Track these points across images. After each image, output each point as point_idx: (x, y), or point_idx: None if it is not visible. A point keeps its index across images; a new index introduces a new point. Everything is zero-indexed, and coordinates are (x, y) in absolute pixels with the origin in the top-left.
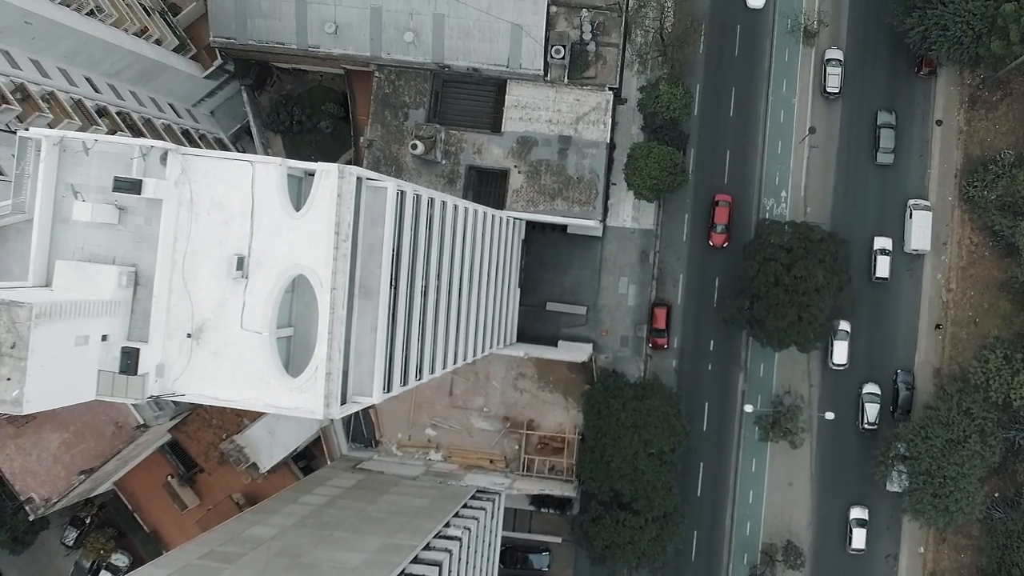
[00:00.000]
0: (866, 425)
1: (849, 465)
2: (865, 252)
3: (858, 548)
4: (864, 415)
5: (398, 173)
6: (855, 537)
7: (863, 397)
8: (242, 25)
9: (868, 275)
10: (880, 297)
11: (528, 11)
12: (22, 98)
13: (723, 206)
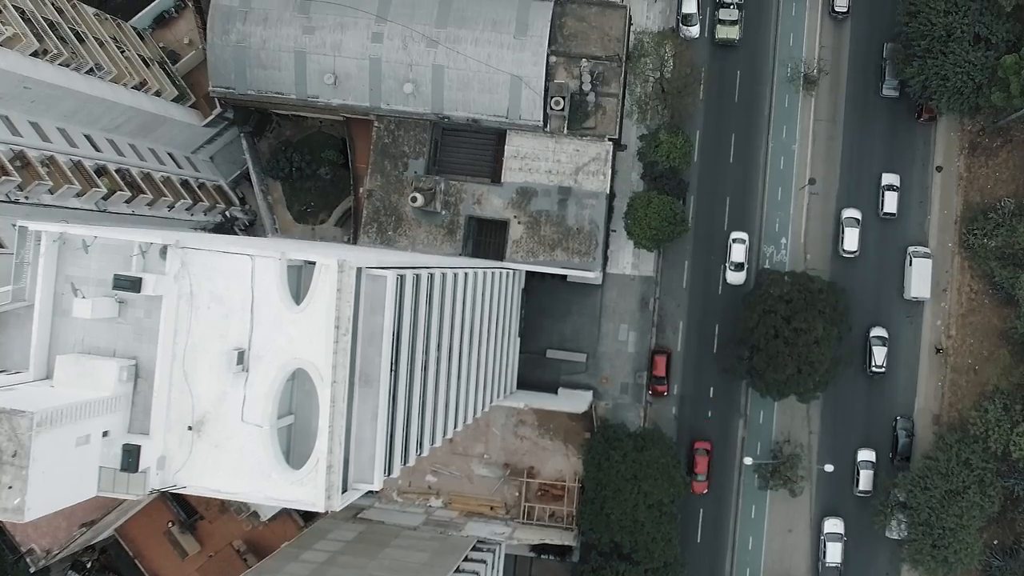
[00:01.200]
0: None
1: (849, 514)
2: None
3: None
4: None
5: (398, 223)
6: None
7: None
8: (241, 75)
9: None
10: None
11: (527, 63)
12: (22, 165)
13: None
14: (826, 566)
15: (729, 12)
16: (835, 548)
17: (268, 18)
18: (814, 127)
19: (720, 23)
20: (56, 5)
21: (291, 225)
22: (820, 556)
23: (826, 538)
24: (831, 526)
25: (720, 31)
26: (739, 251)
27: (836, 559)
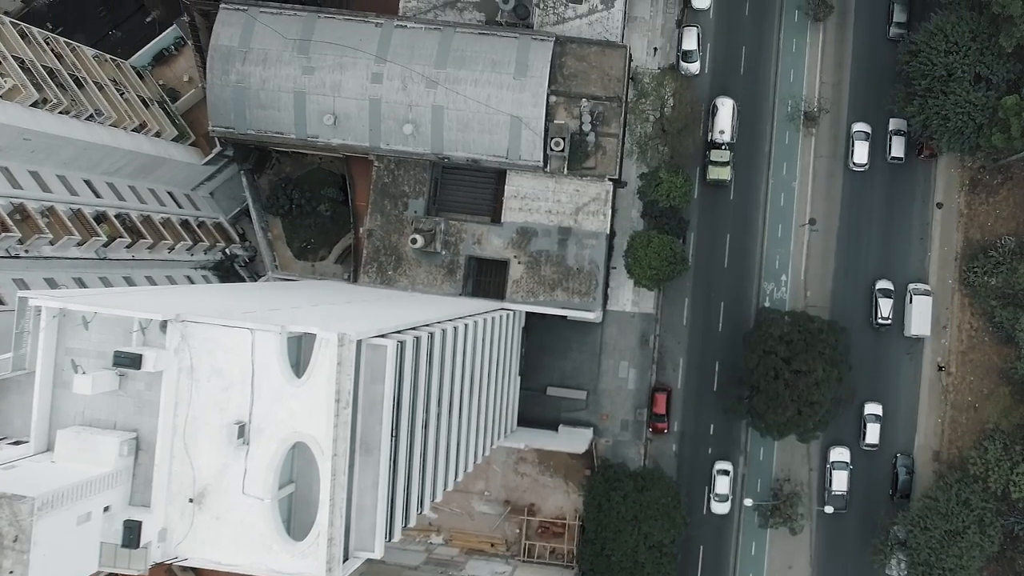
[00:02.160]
0: None
1: (849, 551)
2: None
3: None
4: None
5: (398, 263)
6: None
7: None
8: (241, 115)
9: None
10: (880, 380)
11: (527, 104)
12: (21, 219)
13: None
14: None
15: (720, 153)
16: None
17: (267, 58)
18: (815, 164)
19: (712, 164)
20: (55, 51)
21: (291, 262)
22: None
23: None
24: None
25: (712, 172)
26: None
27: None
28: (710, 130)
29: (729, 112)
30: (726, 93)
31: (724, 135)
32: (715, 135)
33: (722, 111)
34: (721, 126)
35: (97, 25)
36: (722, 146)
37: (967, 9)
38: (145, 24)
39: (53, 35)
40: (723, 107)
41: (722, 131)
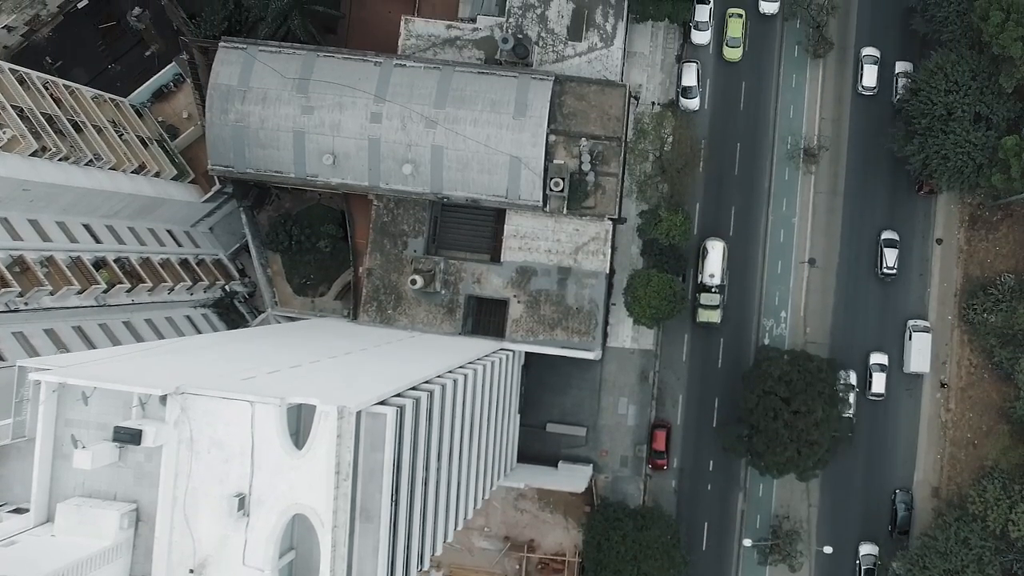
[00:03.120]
0: None
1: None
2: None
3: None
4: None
5: (397, 302)
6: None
7: (860, 559)
8: (240, 154)
9: (865, 391)
10: (879, 416)
11: (527, 143)
12: (21, 271)
13: None
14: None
15: (710, 297)
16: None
17: (267, 97)
18: (814, 200)
19: (701, 307)
20: (54, 95)
21: (291, 298)
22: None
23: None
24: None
25: (701, 315)
26: None
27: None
28: (700, 272)
29: (719, 255)
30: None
31: (714, 278)
32: (704, 278)
33: (712, 254)
34: (711, 269)
35: (96, 59)
36: (711, 289)
37: (967, 48)
38: (144, 58)
39: (51, 79)
40: (713, 250)
41: (712, 275)
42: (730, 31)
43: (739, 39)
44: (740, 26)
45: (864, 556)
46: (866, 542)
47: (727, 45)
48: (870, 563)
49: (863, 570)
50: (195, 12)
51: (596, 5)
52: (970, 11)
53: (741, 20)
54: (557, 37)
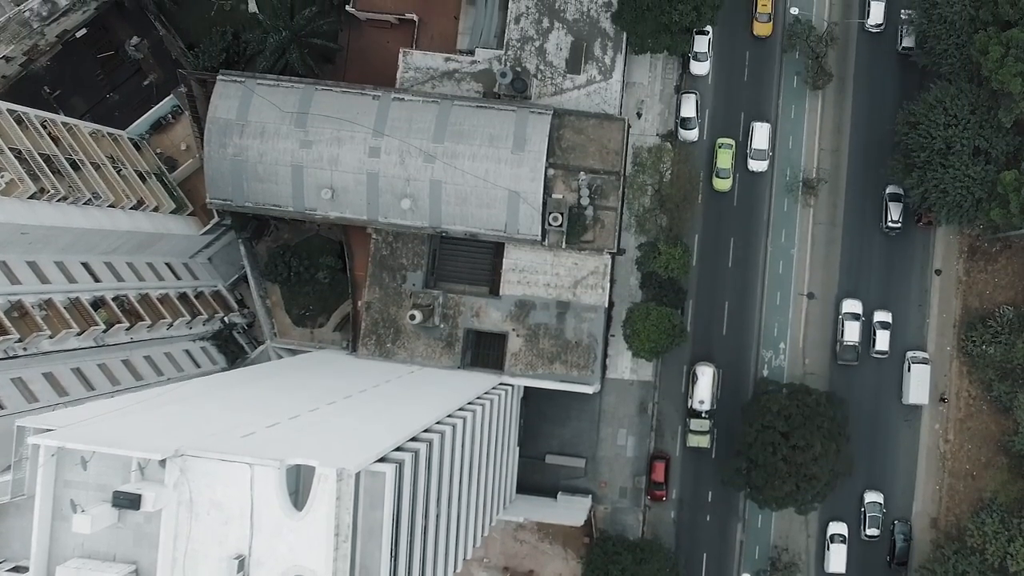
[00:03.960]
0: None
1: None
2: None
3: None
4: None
5: (396, 336)
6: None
7: None
8: (238, 188)
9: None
10: (878, 448)
11: (525, 178)
12: (19, 316)
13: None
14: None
15: (701, 423)
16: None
17: (265, 131)
18: (813, 231)
19: (691, 432)
20: (52, 134)
21: (290, 329)
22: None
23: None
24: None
25: (691, 439)
26: None
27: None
28: (690, 397)
29: (709, 381)
30: (708, 359)
31: (704, 404)
32: (695, 403)
33: (702, 380)
34: (701, 395)
35: (95, 88)
36: (702, 414)
37: (966, 81)
38: (143, 87)
39: (50, 117)
40: (703, 376)
41: (702, 400)
42: (719, 162)
43: (729, 170)
44: (729, 158)
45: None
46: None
47: (716, 176)
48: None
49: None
50: (193, 43)
51: (595, 38)
52: (969, 45)
53: (731, 151)
54: (556, 70)
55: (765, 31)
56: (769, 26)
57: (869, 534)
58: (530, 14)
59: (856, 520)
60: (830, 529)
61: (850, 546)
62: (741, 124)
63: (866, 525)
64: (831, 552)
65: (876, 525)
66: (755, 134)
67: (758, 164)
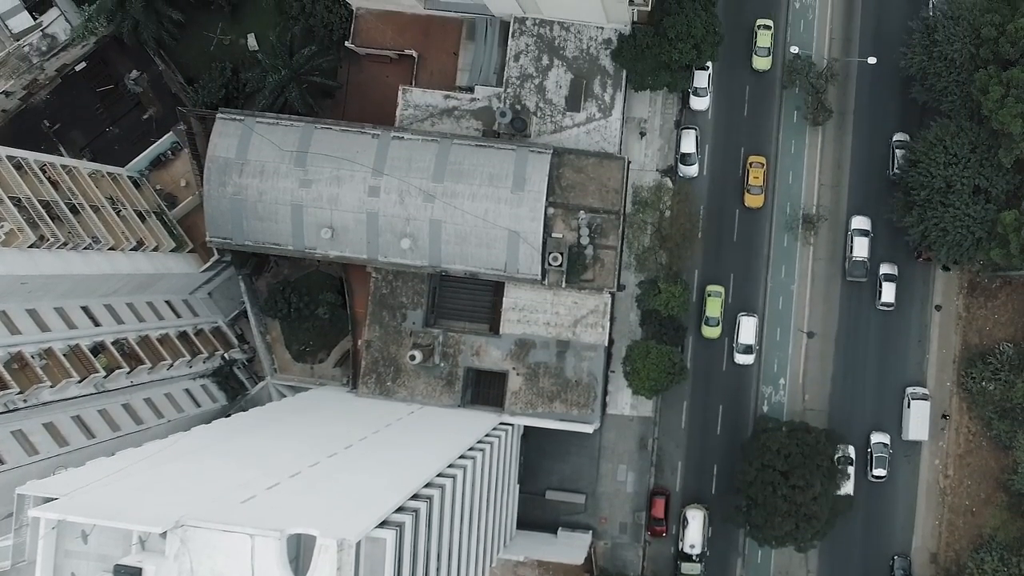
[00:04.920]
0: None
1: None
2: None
3: None
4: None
5: (396, 374)
6: None
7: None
8: (238, 226)
9: (866, 472)
10: (877, 485)
11: (525, 218)
12: (19, 368)
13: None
14: None
15: (691, 566)
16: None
17: (264, 170)
18: (813, 267)
19: (683, 562)
20: (51, 178)
21: (290, 364)
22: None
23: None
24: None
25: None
26: None
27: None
28: (680, 541)
29: (700, 524)
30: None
31: (695, 548)
32: (685, 547)
33: (692, 524)
34: (691, 540)
35: (94, 122)
36: (692, 558)
37: (966, 119)
38: (142, 121)
39: (49, 160)
40: (693, 520)
41: (692, 545)
42: (708, 310)
43: (718, 318)
44: (719, 305)
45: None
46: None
47: (705, 324)
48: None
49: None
50: (193, 77)
51: (594, 76)
52: (969, 83)
53: (720, 299)
54: (555, 107)
55: (764, 65)
56: (769, 60)
57: None
58: (530, 51)
59: None
60: None
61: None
62: (741, 160)
63: None
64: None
65: None
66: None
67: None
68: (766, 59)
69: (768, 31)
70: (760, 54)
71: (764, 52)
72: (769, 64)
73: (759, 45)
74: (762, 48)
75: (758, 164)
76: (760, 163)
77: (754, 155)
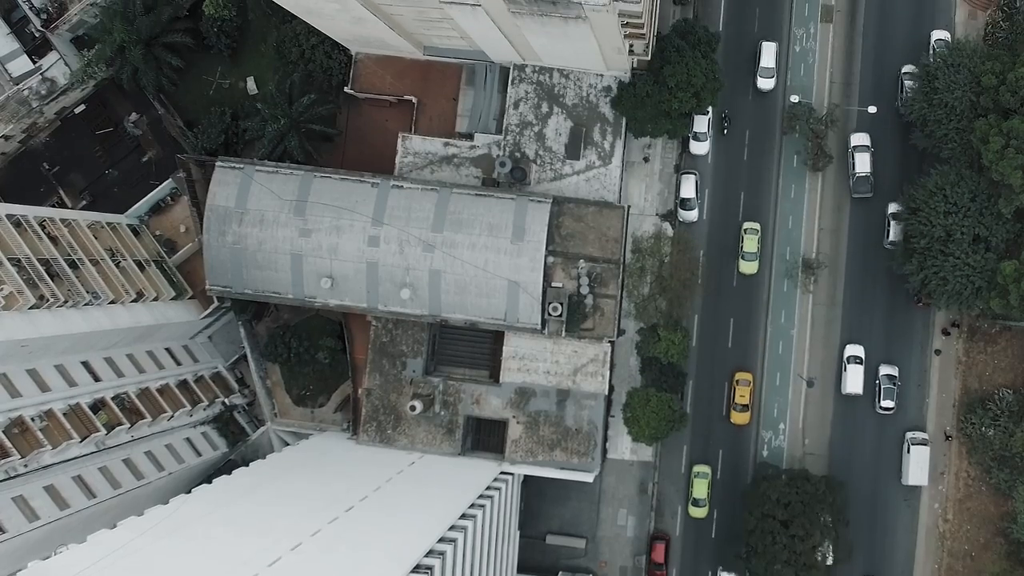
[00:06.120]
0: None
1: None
2: (863, 496)
3: None
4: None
5: (396, 423)
6: None
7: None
8: (238, 275)
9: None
10: (877, 528)
11: (525, 268)
12: (20, 432)
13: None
14: None
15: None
16: None
17: (264, 220)
18: (813, 311)
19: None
20: (51, 234)
21: (290, 408)
22: None
23: None
24: None
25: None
26: None
27: None
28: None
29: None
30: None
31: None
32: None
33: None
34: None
35: (94, 164)
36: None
37: (966, 167)
38: (142, 163)
39: (49, 216)
40: None
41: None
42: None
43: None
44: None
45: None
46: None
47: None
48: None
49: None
50: (192, 120)
51: (594, 123)
52: (970, 130)
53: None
54: (555, 155)
55: (750, 270)
56: (755, 264)
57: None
58: (529, 98)
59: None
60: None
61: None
62: (741, 204)
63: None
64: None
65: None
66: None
67: (749, 267)
68: (752, 263)
69: (755, 235)
70: (747, 258)
71: (751, 256)
72: (755, 269)
73: (745, 250)
74: (749, 253)
75: (752, 231)
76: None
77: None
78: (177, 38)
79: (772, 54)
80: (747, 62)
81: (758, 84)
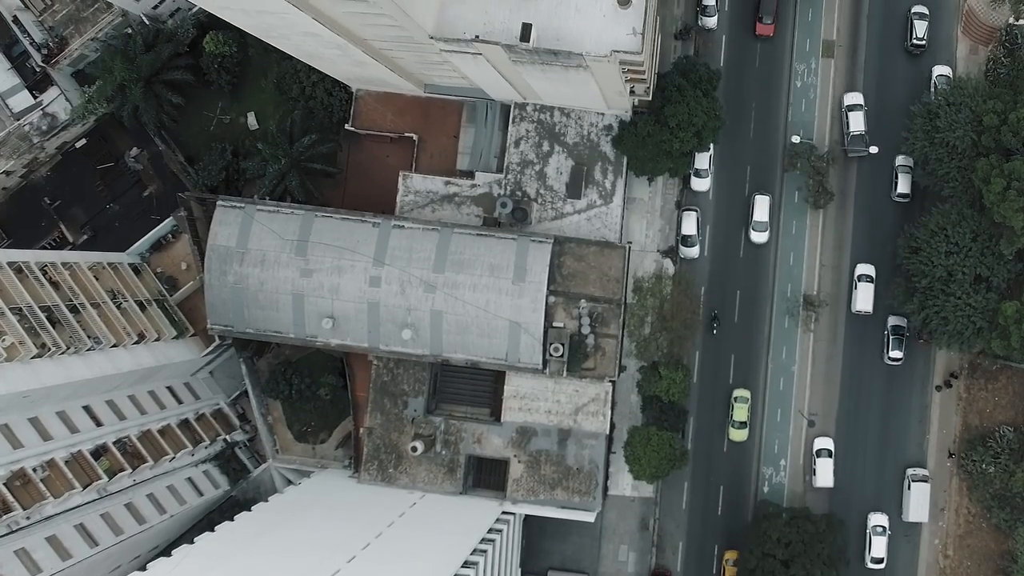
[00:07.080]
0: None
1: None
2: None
3: None
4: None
5: (398, 461)
6: None
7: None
8: (239, 315)
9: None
10: None
11: (526, 309)
12: (21, 484)
13: None
14: None
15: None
16: None
17: (265, 260)
18: (814, 348)
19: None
20: (52, 279)
21: (291, 444)
22: None
23: None
24: None
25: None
26: None
27: None
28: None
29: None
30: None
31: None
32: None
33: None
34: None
35: (95, 199)
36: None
37: (967, 205)
38: (143, 198)
39: (50, 261)
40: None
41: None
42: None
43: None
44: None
45: None
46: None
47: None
48: None
49: None
50: (193, 156)
51: (595, 162)
52: (971, 169)
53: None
54: (556, 194)
55: (740, 437)
56: (744, 432)
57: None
58: (530, 137)
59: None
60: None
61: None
62: (742, 241)
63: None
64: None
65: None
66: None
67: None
68: (741, 431)
69: (745, 403)
70: (736, 427)
71: (739, 425)
72: (744, 439)
73: (735, 417)
74: (737, 421)
75: (743, 399)
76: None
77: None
78: (177, 75)
79: (765, 207)
80: (748, 98)
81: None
